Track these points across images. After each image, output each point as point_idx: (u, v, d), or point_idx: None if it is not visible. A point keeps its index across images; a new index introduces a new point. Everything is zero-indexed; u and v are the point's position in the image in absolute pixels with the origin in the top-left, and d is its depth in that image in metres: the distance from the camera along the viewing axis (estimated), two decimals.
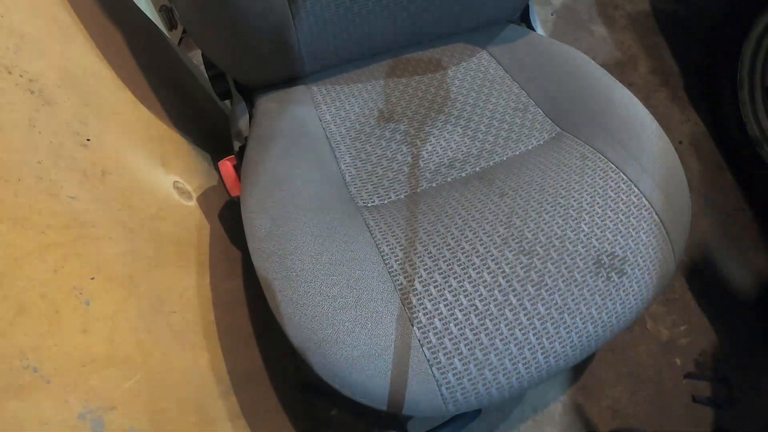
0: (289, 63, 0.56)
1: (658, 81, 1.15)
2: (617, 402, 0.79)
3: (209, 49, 0.52)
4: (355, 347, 0.39)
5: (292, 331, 0.40)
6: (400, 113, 0.57)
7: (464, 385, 0.40)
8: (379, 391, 0.39)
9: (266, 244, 0.43)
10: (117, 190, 0.41)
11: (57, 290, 0.30)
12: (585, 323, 0.43)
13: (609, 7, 1.26)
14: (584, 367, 0.82)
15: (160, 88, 0.58)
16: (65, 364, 0.29)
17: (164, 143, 0.53)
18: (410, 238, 0.45)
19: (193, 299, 0.47)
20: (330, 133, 0.55)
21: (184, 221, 0.50)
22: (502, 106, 0.58)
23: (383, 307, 0.41)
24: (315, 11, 0.51)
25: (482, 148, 0.55)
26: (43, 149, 0.34)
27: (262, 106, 0.56)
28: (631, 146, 0.51)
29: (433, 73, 0.61)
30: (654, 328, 0.86)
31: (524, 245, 0.45)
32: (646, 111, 0.55)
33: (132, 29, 0.58)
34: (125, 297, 0.36)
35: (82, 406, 0.29)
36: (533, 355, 0.41)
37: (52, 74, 0.38)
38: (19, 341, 0.27)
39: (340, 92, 0.59)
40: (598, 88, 0.57)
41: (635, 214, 0.47)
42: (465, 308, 0.41)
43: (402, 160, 0.53)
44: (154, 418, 0.35)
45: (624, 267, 0.45)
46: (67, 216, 0.33)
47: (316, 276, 0.41)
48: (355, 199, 0.50)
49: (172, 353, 0.40)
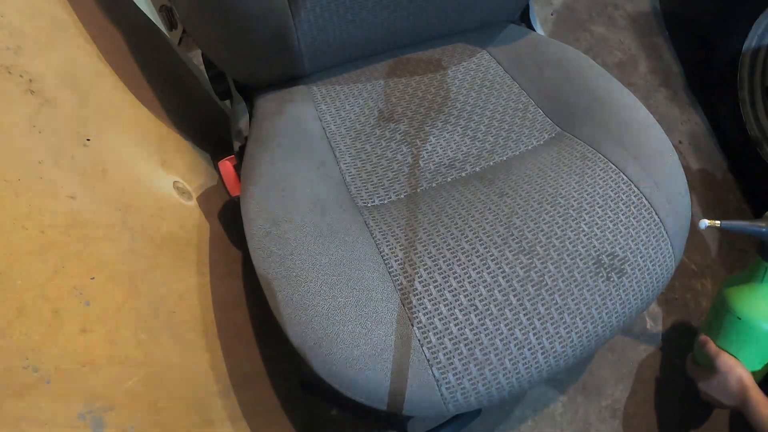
0: (289, 63, 0.56)
1: (658, 81, 1.15)
2: (617, 402, 0.79)
3: (209, 49, 0.52)
4: (355, 347, 0.39)
5: (292, 331, 0.40)
6: (400, 113, 0.57)
7: (464, 385, 0.40)
8: (379, 391, 0.39)
9: (266, 244, 0.43)
10: (117, 190, 0.41)
11: (57, 290, 0.30)
12: (585, 323, 0.43)
13: (609, 7, 1.26)
14: (584, 367, 0.82)
15: (160, 88, 0.58)
16: (65, 364, 0.29)
17: (164, 143, 0.53)
18: (410, 238, 0.45)
19: (193, 299, 0.47)
20: (330, 132, 0.55)
21: (184, 221, 0.50)
22: (502, 106, 0.58)
23: (383, 307, 0.41)
24: (315, 11, 0.51)
25: (482, 148, 0.55)
26: (43, 149, 0.34)
27: (262, 106, 0.56)
28: (631, 146, 0.51)
29: (433, 73, 0.61)
30: (654, 328, 0.86)
31: (524, 245, 0.45)
32: (646, 111, 0.55)
33: (132, 29, 0.58)
34: (125, 297, 0.36)
35: (82, 406, 0.29)
36: (533, 355, 0.41)
37: (52, 74, 0.38)
38: (19, 341, 0.27)
39: (340, 92, 0.59)
40: (598, 88, 0.57)
41: (635, 214, 0.47)
42: (465, 308, 0.41)
43: (402, 160, 0.53)
44: (154, 418, 0.35)
45: (624, 267, 0.45)
46: (67, 216, 0.33)
47: (316, 276, 0.41)
48: (355, 199, 0.50)
49: (172, 353, 0.40)
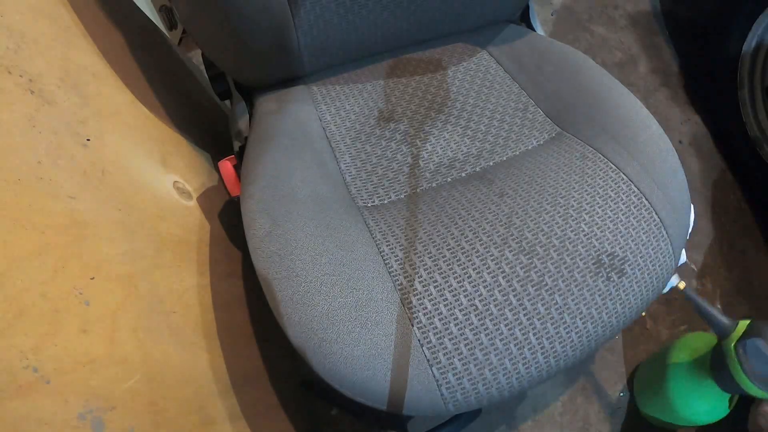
0: (289, 63, 0.56)
1: (658, 81, 1.15)
2: (617, 402, 0.79)
3: (209, 49, 0.52)
4: (355, 347, 0.39)
5: (292, 331, 0.40)
6: (400, 113, 0.57)
7: (464, 385, 0.40)
8: (379, 390, 0.39)
9: (266, 244, 0.43)
10: (117, 190, 0.41)
11: (57, 290, 0.30)
12: (585, 323, 0.43)
13: (609, 7, 1.26)
14: (584, 367, 0.82)
15: (160, 88, 0.58)
16: (65, 364, 0.29)
17: (164, 143, 0.53)
18: (410, 238, 0.45)
19: (193, 299, 0.47)
20: (330, 132, 0.55)
21: (184, 221, 0.50)
22: (502, 106, 0.58)
23: (383, 306, 0.41)
24: (315, 11, 0.51)
25: (482, 148, 0.55)
26: (43, 149, 0.34)
27: (262, 106, 0.56)
28: (631, 146, 0.51)
29: (433, 73, 0.61)
30: (654, 328, 0.86)
31: (524, 245, 0.45)
32: (646, 111, 0.55)
33: (132, 29, 0.58)
34: (125, 297, 0.36)
35: (82, 406, 0.29)
36: (533, 355, 0.41)
37: (52, 74, 0.38)
38: (19, 341, 0.27)
39: (340, 92, 0.59)
40: (598, 88, 0.57)
41: (635, 214, 0.47)
42: (465, 308, 0.41)
43: (402, 160, 0.53)
44: (154, 418, 0.35)
45: (624, 267, 0.45)
46: (67, 216, 0.33)
47: (316, 276, 0.41)
48: (355, 199, 0.50)
49: (172, 353, 0.40)
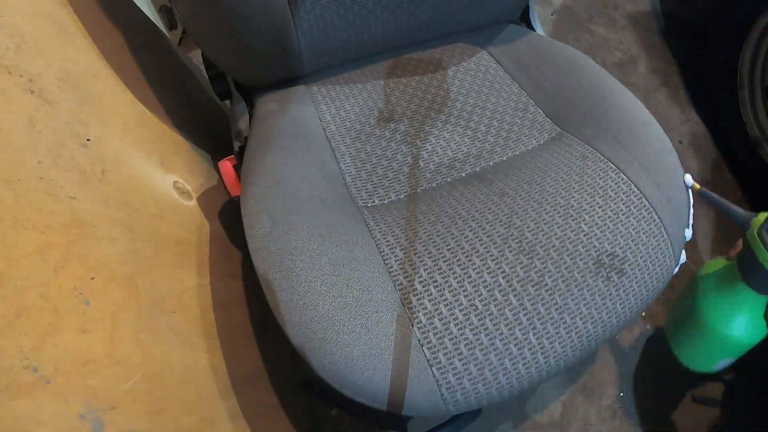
0: (289, 63, 0.56)
1: (658, 81, 1.15)
2: (617, 402, 0.79)
3: (209, 49, 0.52)
4: (355, 347, 0.39)
5: (292, 331, 0.40)
6: (400, 113, 0.57)
7: (464, 385, 0.40)
8: (379, 391, 0.39)
9: (266, 244, 0.43)
10: (117, 190, 0.41)
11: (57, 290, 0.30)
12: (585, 323, 0.43)
13: (609, 7, 1.26)
14: (584, 367, 0.82)
15: (160, 88, 0.58)
16: (65, 364, 0.29)
17: (164, 143, 0.53)
18: (410, 238, 0.45)
19: (193, 299, 0.47)
20: (330, 132, 0.55)
21: (184, 221, 0.50)
22: (502, 106, 0.58)
23: (383, 307, 0.41)
24: (315, 11, 0.51)
25: (482, 148, 0.55)
26: (43, 149, 0.34)
27: (262, 106, 0.56)
28: (631, 146, 0.51)
29: (433, 73, 0.61)
30: (654, 328, 0.86)
31: (524, 245, 0.45)
32: (646, 111, 0.55)
33: (132, 29, 0.58)
34: (125, 297, 0.36)
35: (82, 406, 0.29)
36: (533, 355, 0.41)
37: (52, 74, 0.38)
38: (19, 341, 0.27)
39: (340, 92, 0.59)
40: (599, 88, 0.57)
41: (635, 214, 0.47)
42: (465, 308, 0.41)
43: (402, 160, 0.53)
44: (154, 418, 0.35)
45: (624, 267, 0.45)
46: (67, 216, 0.33)
47: (316, 276, 0.41)
48: (355, 199, 0.50)
49: (172, 353, 0.40)
